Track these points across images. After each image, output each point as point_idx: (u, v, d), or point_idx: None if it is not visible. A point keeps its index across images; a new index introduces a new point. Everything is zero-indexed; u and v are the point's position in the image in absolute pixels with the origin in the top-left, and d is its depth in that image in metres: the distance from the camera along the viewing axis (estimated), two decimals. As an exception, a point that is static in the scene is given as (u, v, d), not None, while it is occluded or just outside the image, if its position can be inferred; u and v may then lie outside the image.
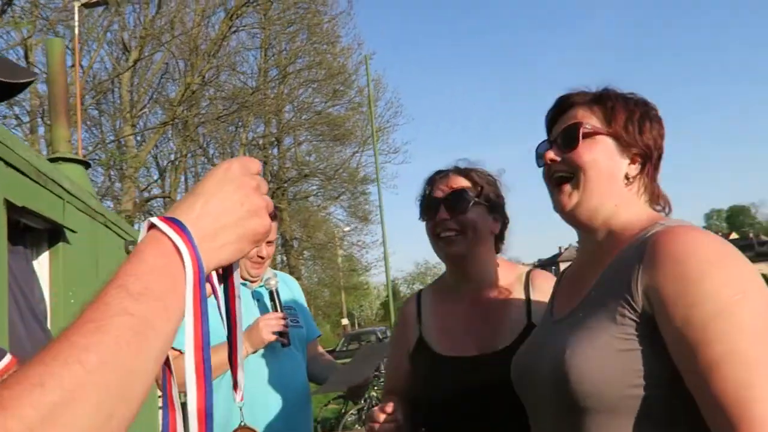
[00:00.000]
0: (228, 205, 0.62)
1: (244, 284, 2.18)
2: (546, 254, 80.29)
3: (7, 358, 0.74)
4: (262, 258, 2.06)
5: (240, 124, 19.78)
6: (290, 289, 2.24)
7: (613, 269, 1.02)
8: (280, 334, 1.97)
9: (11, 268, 2.11)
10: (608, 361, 0.93)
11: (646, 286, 0.93)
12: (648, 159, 1.10)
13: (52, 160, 3.71)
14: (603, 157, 1.09)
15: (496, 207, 1.53)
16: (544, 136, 1.20)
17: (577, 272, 1.21)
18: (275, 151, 24.23)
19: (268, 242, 2.13)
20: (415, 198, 1.61)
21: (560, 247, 74.52)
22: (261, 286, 2.14)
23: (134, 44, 14.73)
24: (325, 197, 25.15)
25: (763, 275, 1.21)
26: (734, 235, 69.10)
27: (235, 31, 16.60)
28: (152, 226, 0.58)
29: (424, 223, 1.56)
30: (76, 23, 7.25)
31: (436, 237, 1.50)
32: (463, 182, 1.51)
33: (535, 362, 1.12)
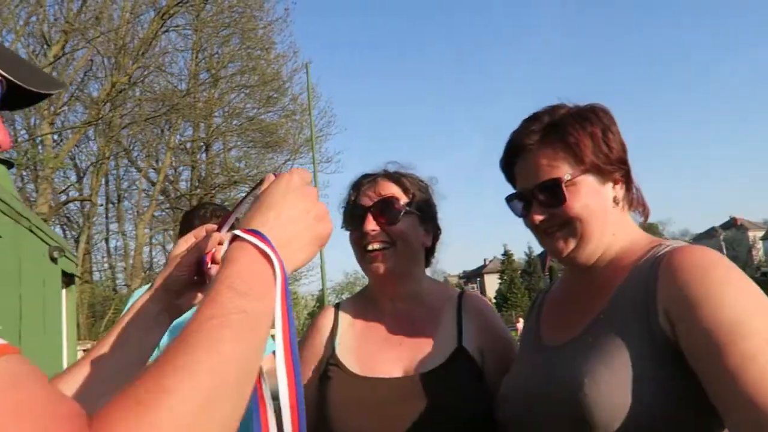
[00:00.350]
0: (296, 214, 0.70)
1: None
2: (471, 266, 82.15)
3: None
4: None
5: (168, 127, 19.12)
6: None
7: (625, 292, 0.98)
8: None
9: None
10: (628, 388, 0.89)
11: (667, 302, 0.89)
12: (627, 170, 1.07)
13: (-30, 159, 3.45)
14: (592, 199, 1.04)
15: (428, 217, 1.40)
16: (473, 149, 1.14)
17: (570, 297, 1.14)
18: (203, 156, 23.54)
19: None
20: (338, 204, 1.44)
21: (485, 259, 76.63)
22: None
23: (56, 38, 13.95)
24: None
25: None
26: (644, 250, 73.11)
27: (165, 31, 16.06)
28: (235, 237, 0.65)
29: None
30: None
31: (362, 249, 1.34)
32: (393, 189, 1.35)
33: (542, 388, 1.03)
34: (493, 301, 58.16)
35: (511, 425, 1.11)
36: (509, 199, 1.14)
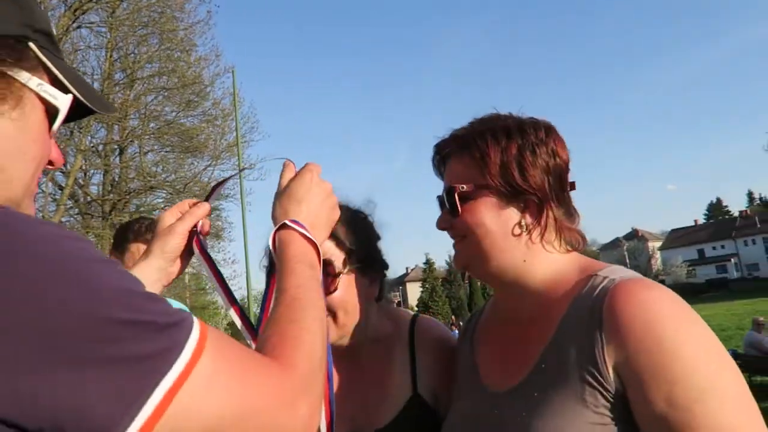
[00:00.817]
0: (318, 205, 0.94)
1: None
2: (394, 274, 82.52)
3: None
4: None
5: (78, 128, 18.08)
6: None
7: (565, 336, 0.92)
8: None
9: None
10: None
11: (617, 363, 0.85)
12: (544, 200, 0.99)
13: None
14: (488, 218, 0.99)
15: (370, 264, 1.23)
16: (399, 159, 1.14)
17: (505, 330, 1.08)
18: (117, 159, 22.43)
19: None
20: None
21: (407, 268, 77.56)
22: None
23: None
24: (171, 211, 23.70)
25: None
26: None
27: (78, 27, 15.24)
28: (283, 226, 0.89)
29: None
30: None
31: None
32: (325, 249, 1.13)
33: None
34: (415, 309, 58.87)
35: None
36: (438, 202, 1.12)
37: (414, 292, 66.52)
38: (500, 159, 0.98)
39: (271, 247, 0.89)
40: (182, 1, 17.13)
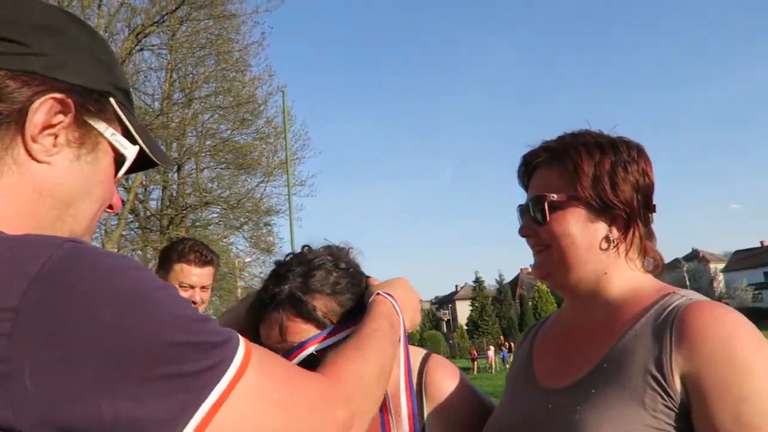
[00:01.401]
0: (408, 300, 1.07)
1: None
2: (443, 292, 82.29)
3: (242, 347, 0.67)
4: (195, 303, 2.05)
5: (139, 145, 18.86)
6: None
7: (631, 341, 0.92)
8: None
9: None
10: None
11: (684, 373, 0.84)
12: (632, 216, 1.00)
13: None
14: (576, 229, 1.00)
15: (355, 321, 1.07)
16: (445, 176, 1.12)
17: (568, 336, 1.09)
18: (175, 176, 23.30)
19: (203, 288, 2.10)
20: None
21: (457, 286, 76.88)
22: None
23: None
24: (226, 226, 24.39)
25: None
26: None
27: (140, 50, 15.99)
28: (378, 294, 1.03)
29: None
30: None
31: None
32: (303, 331, 1.02)
33: None
34: (465, 327, 58.14)
35: None
36: (518, 210, 1.12)
37: (464, 310, 65.78)
38: (593, 172, 0.99)
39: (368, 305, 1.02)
40: (237, 24, 17.75)
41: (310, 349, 1.00)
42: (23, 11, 0.67)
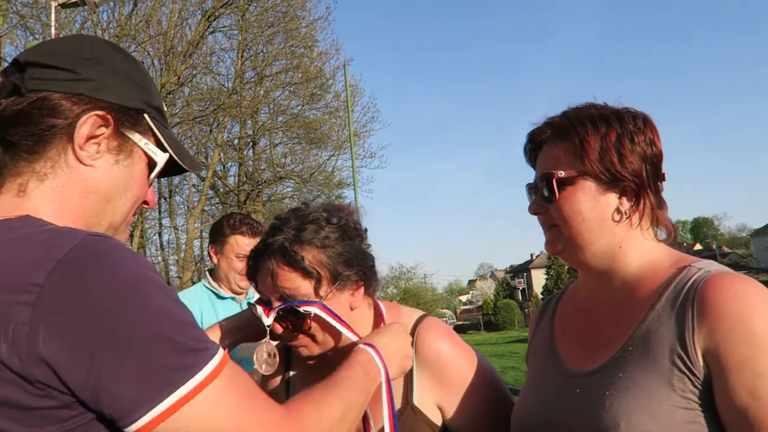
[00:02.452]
0: (399, 349, 1.15)
1: (233, 298, 2.29)
2: (518, 261, 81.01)
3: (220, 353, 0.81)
4: None
5: (215, 124, 19.64)
6: None
7: (654, 322, 0.92)
8: None
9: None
10: None
11: (706, 350, 0.85)
12: (641, 186, 0.99)
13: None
14: (586, 204, 0.99)
15: (349, 276, 1.18)
16: (516, 141, 1.10)
17: (591, 316, 1.08)
18: (250, 152, 24.01)
19: None
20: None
21: (532, 254, 75.41)
22: (249, 298, 2.28)
23: (109, 39, 14.54)
24: (300, 200, 25.04)
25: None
26: (698, 246, 70.81)
27: (212, 32, 16.53)
28: (365, 344, 1.11)
29: (400, 227, 1.32)
30: (53, 23, 7.18)
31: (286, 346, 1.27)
32: (291, 280, 1.12)
33: (567, 420, 0.97)
34: (540, 297, 57.19)
35: None
36: (527, 188, 1.11)
37: (539, 279, 64.64)
38: (599, 145, 0.98)
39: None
40: (303, 0, 17.92)
41: (311, 309, 1.11)
42: (77, 47, 0.86)
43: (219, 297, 2.31)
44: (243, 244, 2.21)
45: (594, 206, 0.99)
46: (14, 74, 0.80)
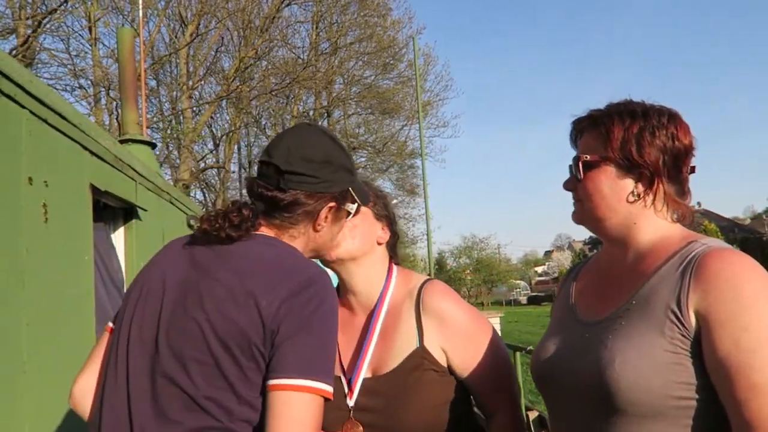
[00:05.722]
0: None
1: None
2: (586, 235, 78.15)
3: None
4: None
5: (291, 96, 20.10)
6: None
7: (657, 282, 1.06)
8: None
9: (94, 242, 2.45)
10: (656, 372, 0.98)
11: (698, 306, 0.98)
12: (656, 174, 1.12)
13: (123, 141, 4.08)
14: (605, 185, 1.14)
15: (382, 215, 1.47)
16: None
17: (607, 277, 1.23)
18: (325, 123, 24.46)
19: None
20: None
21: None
22: None
23: (191, 18, 15.18)
24: (373, 170, 25.35)
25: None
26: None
27: (287, 5, 16.81)
28: None
29: (475, 198, 1.59)
30: (140, 2, 7.63)
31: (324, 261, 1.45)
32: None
33: (571, 363, 1.13)
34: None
35: (542, 392, 1.25)
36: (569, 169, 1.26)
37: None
38: (622, 135, 1.12)
39: None
40: (377, -32, 17.83)
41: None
42: (313, 151, 1.18)
43: None
44: None
45: (613, 187, 1.14)
46: (273, 175, 1.16)
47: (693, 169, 1.17)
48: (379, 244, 1.46)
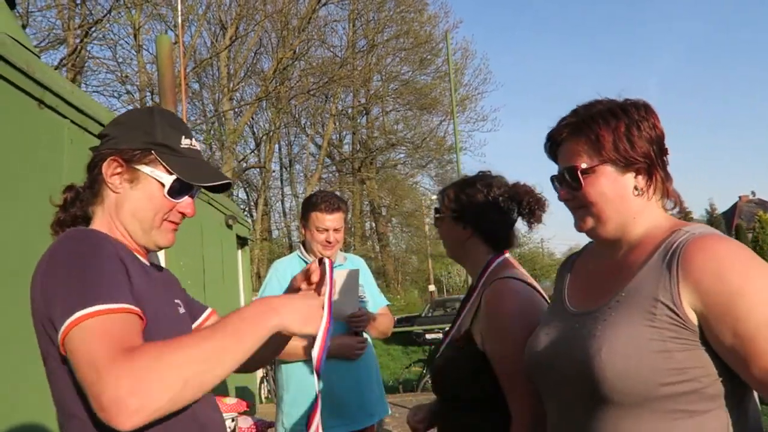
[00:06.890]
0: (296, 307, 1.14)
1: (306, 262, 2.50)
2: (644, 224, 75.59)
3: (208, 310, 1.33)
4: (330, 242, 2.41)
5: (329, 95, 20.28)
6: (358, 268, 2.46)
7: (644, 277, 1.09)
8: (355, 333, 2.34)
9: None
10: (644, 361, 1.01)
11: (692, 304, 1.02)
12: (652, 165, 1.15)
13: (163, 145, 4.22)
14: (608, 186, 1.17)
15: (462, 215, 1.61)
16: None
17: (596, 270, 1.27)
18: (364, 120, 24.57)
19: (335, 230, 2.44)
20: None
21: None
22: (337, 266, 2.45)
23: (230, 22, 15.52)
24: (412, 166, 25.35)
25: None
26: None
27: (324, 5, 16.97)
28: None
29: None
30: (179, 7, 7.89)
31: None
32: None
33: (561, 352, 1.17)
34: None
35: (535, 381, 1.29)
36: (551, 180, 1.30)
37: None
38: (612, 137, 1.15)
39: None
40: (412, -37, 17.80)
41: None
42: (120, 116, 1.22)
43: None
44: (323, 219, 2.41)
45: (614, 187, 1.17)
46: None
47: (667, 151, 1.22)
48: (461, 241, 1.63)
